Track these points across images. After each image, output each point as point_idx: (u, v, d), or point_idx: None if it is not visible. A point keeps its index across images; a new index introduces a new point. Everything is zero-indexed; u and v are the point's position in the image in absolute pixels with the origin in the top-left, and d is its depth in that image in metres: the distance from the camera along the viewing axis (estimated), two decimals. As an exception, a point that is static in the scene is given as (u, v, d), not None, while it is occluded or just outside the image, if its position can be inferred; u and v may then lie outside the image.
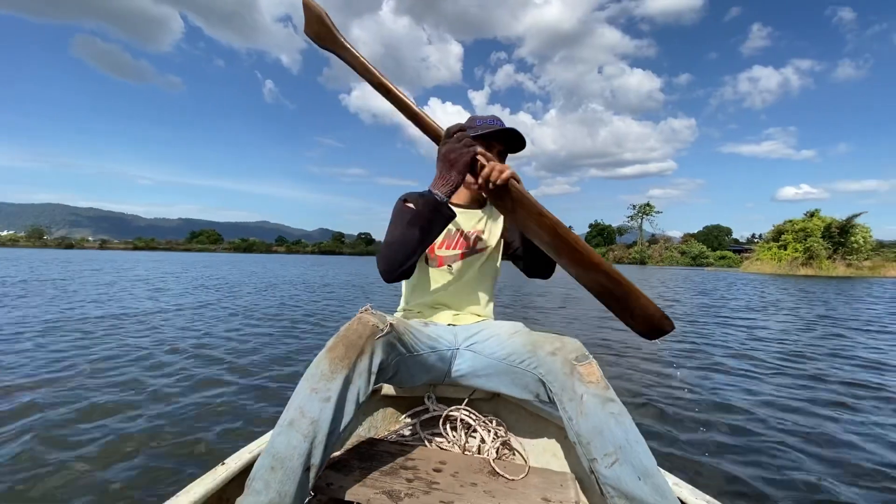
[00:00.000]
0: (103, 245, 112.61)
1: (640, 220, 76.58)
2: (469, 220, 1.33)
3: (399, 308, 1.41)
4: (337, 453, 1.10)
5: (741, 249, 70.78)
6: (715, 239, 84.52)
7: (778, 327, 5.93)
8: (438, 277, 1.31)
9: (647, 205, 75.99)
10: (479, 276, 1.35)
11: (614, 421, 0.91)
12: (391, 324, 1.03)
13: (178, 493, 0.82)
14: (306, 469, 0.82)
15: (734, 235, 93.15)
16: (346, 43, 1.10)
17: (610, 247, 78.07)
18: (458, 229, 1.32)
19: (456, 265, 1.31)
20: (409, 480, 0.98)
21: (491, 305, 1.39)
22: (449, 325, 1.28)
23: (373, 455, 1.09)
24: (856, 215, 33.15)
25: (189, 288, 9.77)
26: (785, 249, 34.47)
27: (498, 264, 1.41)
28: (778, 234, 36.42)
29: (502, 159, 1.28)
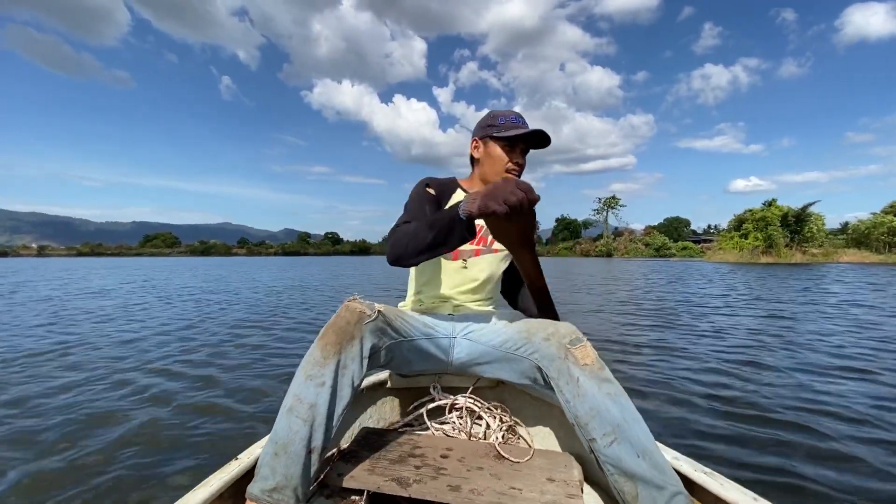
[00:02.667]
0: (42, 252, 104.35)
1: (605, 214, 77.52)
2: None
3: (408, 297, 1.39)
4: (346, 444, 1.15)
5: (699, 240, 72.89)
6: (675, 230, 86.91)
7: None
8: (451, 270, 1.31)
9: (613, 198, 76.88)
10: (491, 272, 1.35)
11: (611, 401, 0.93)
12: (379, 310, 1.05)
13: (195, 488, 0.84)
14: (309, 452, 0.86)
15: (692, 227, 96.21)
16: None
17: (577, 240, 78.67)
18: (477, 224, 1.21)
19: (471, 260, 1.32)
20: (417, 467, 1.01)
21: (495, 299, 1.40)
22: (449, 314, 1.28)
23: (381, 445, 1.11)
24: (810, 204, 34.05)
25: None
26: (746, 238, 35.03)
27: (508, 262, 1.39)
28: (739, 223, 37.03)
29: (524, 156, 1.30)
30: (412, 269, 1.37)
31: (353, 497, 0.97)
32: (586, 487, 1.09)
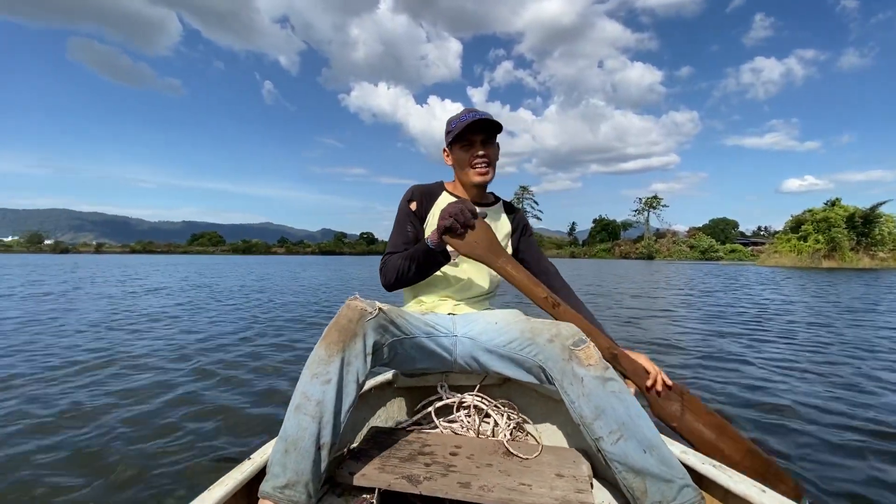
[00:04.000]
0: (99, 249, 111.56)
1: (646, 214, 74.70)
2: None
3: (406, 297, 1.44)
4: (356, 444, 1.15)
5: (749, 242, 68.94)
6: (721, 232, 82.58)
7: None
8: (443, 270, 1.33)
9: (655, 198, 74.21)
10: (485, 275, 1.38)
11: (616, 399, 0.94)
12: (380, 308, 1.06)
13: (210, 487, 0.84)
14: (318, 448, 0.87)
15: (740, 228, 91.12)
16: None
17: (615, 242, 76.15)
18: None
19: (460, 260, 1.35)
20: (427, 465, 1.01)
21: (493, 298, 1.43)
22: (449, 314, 1.31)
23: (391, 443, 1.11)
24: (880, 204, 31.46)
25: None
26: (805, 241, 32.59)
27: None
28: (797, 224, 34.53)
29: (487, 146, 1.34)
30: None
31: (364, 495, 0.97)
32: (596, 483, 1.10)
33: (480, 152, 1.32)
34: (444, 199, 1.39)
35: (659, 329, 5.06)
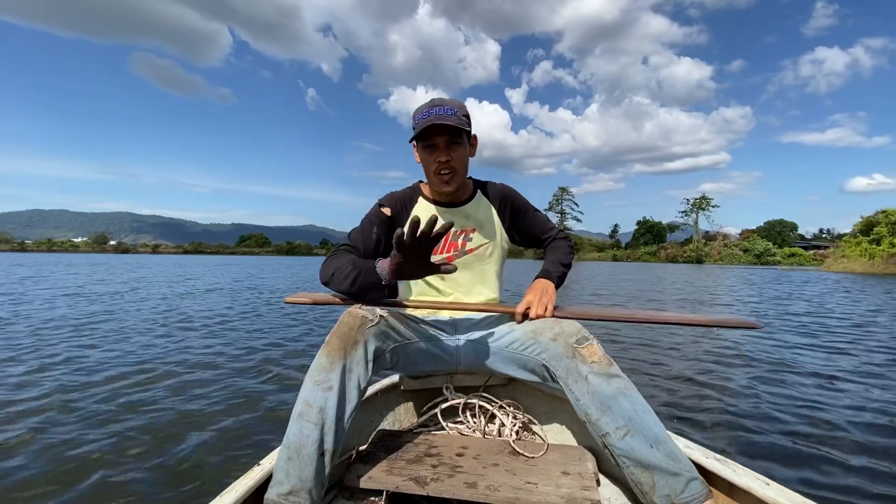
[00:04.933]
0: (155, 249, 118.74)
1: (695, 216, 70.92)
2: (452, 219, 1.15)
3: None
4: (363, 447, 1.15)
5: (809, 246, 64.07)
6: (778, 235, 77.29)
7: None
8: (433, 280, 1.30)
9: (704, 198, 70.22)
10: (477, 274, 1.32)
11: (621, 395, 0.94)
12: (381, 315, 1.06)
13: (221, 494, 0.84)
14: (321, 454, 0.87)
15: (799, 231, 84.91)
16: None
17: (661, 245, 72.77)
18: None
19: (458, 263, 1.29)
20: (434, 466, 1.02)
21: (494, 298, 1.35)
22: (450, 317, 1.28)
23: (397, 446, 1.12)
24: (969, 203, 27.95)
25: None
26: (878, 244, 29.70)
27: (497, 259, 1.35)
28: (868, 226, 31.51)
29: (452, 149, 1.21)
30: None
31: (372, 498, 0.98)
32: (603, 479, 1.11)
33: (443, 158, 1.20)
34: (421, 205, 1.32)
35: (756, 344, 4.48)
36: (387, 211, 1.28)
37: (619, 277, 18.58)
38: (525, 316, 1.16)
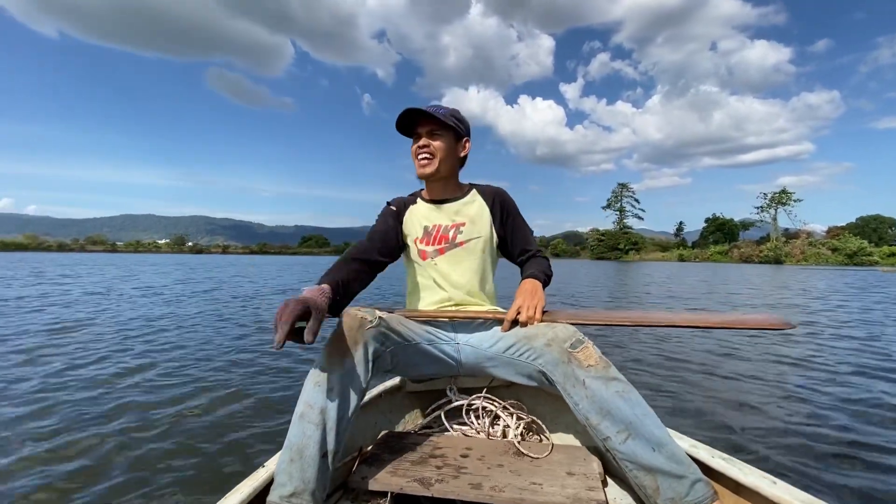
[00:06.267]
0: (225, 250, 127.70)
1: (773, 212, 64.87)
2: (443, 215, 1.35)
3: (407, 304, 1.42)
4: (368, 448, 1.15)
5: (915, 244, 56.35)
6: (874, 232, 69.19)
7: None
8: (426, 272, 1.33)
9: (784, 192, 64.03)
10: (468, 269, 1.32)
11: (621, 399, 0.93)
12: (380, 316, 1.07)
13: (227, 495, 0.85)
14: (323, 455, 0.87)
15: (902, 227, 75.11)
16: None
17: (734, 244, 67.25)
18: (434, 225, 1.33)
19: (438, 259, 1.31)
20: (439, 467, 1.02)
21: (491, 298, 1.36)
22: (450, 320, 1.28)
23: (402, 448, 1.12)
24: None
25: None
26: None
27: (489, 254, 1.35)
28: None
29: (432, 137, 1.29)
30: (406, 275, 1.42)
31: (377, 499, 0.97)
32: (609, 480, 1.10)
33: (422, 142, 1.28)
34: (419, 206, 1.39)
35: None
36: (393, 207, 1.38)
37: (691, 278, 17.15)
38: (515, 322, 1.15)
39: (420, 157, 1.30)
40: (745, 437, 2.15)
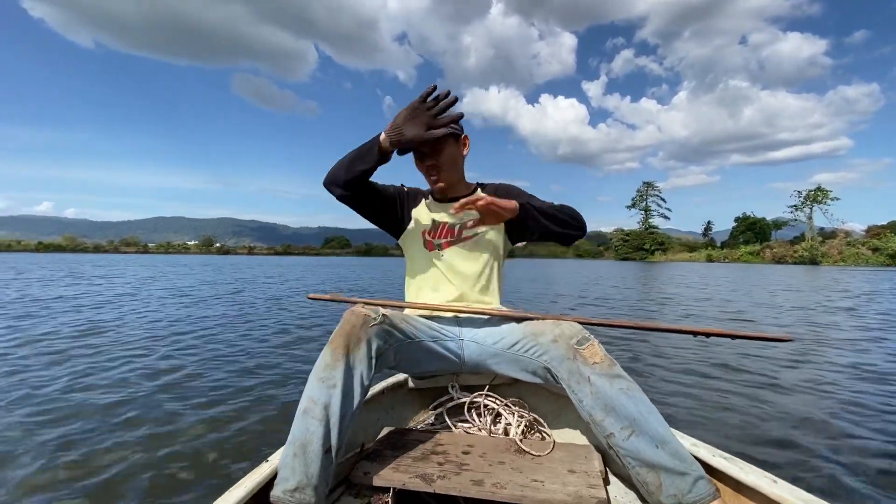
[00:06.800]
0: (251, 251, 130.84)
1: (809, 210, 62.12)
2: (451, 213, 1.31)
3: (407, 298, 1.42)
4: (370, 444, 1.16)
5: (965, 244, 52.95)
6: (919, 231, 65.03)
7: None
8: (430, 263, 1.34)
9: (820, 190, 61.23)
10: (474, 264, 1.33)
11: (625, 396, 0.94)
12: (384, 314, 1.09)
13: (230, 489, 0.85)
14: (326, 451, 0.88)
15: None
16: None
17: (766, 244, 64.77)
18: (442, 221, 1.36)
19: (445, 252, 1.33)
20: (440, 464, 1.02)
21: (495, 295, 1.36)
22: (453, 315, 1.29)
23: (404, 444, 1.13)
24: None
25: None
26: None
27: (495, 251, 1.36)
28: None
29: (437, 153, 1.27)
30: (406, 268, 1.43)
31: (379, 494, 0.98)
32: (610, 478, 1.10)
33: (429, 163, 1.29)
34: (430, 201, 1.41)
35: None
36: (407, 190, 1.43)
37: (720, 277, 16.57)
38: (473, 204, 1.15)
39: (432, 176, 1.31)
40: (745, 437, 2.12)
